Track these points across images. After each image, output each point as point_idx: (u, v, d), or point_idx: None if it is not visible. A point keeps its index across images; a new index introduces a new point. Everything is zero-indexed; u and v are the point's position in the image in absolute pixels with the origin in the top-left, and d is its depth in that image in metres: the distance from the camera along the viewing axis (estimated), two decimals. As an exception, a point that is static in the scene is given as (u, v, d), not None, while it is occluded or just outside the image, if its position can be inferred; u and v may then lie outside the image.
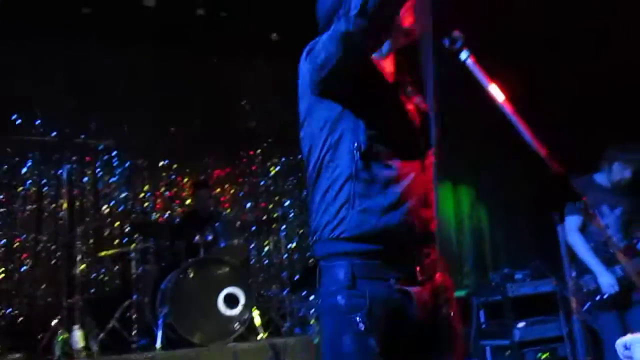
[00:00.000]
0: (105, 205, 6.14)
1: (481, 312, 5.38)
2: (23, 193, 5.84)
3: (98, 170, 6.18)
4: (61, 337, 4.42)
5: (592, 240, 3.88)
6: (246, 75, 6.81)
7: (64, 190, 5.35)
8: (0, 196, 5.76)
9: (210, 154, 6.72)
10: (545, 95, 5.45)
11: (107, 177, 6.21)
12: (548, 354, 4.81)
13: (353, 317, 1.50)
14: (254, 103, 6.93)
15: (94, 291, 5.80)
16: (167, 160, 6.51)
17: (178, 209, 6.45)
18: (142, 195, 6.36)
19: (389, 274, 1.56)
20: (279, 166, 7.04)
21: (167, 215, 6.41)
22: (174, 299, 4.52)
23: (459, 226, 6.94)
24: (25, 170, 5.89)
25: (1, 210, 5.74)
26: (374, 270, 1.55)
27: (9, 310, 5.50)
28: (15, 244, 5.70)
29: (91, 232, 5.96)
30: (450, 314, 1.65)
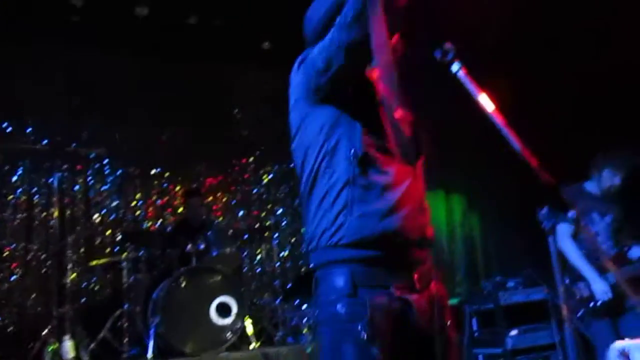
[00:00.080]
0: (96, 214, 6.11)
1: (474, 320, 5.39)
2: (13, 201, 5.80)
3: (89, 178, 6.15)
4: (51, 348, 4.38)
5: (584, 247, 3.89)
6: (238, 83, 6.81)
7: (54, 199, 5.32)
8: (-10, 204, 5.73)
9: (202, 162, 6.71)
10: (535, 104, 5.48)
11: (99, 186, 6.18)
12: (540, 362, 4.83)
13: (354, 326, 1.49)
14: (246, 111, 6.94)
15: (84, 301, 5.76)
16: (159, 169, 6.50)
17: (170, 218, 6.43)
18: (134, 203, 6.33)
19: (388, 281, 1.56)
20: (272, 174, 7.04)
21: (159, 224, 6.38)
22: (165, 308, 4.50)
23: (451, 234, 6.96)
24: (15, 178, 5.85)
25: (-9, 218, 5.71)
26: (374, 278, 1.55)
27: (-1, 319, 5.46)
28: (5, 253, 5.65)
29: (82, 241, 5.92)
30: (446, 322, 1.66)
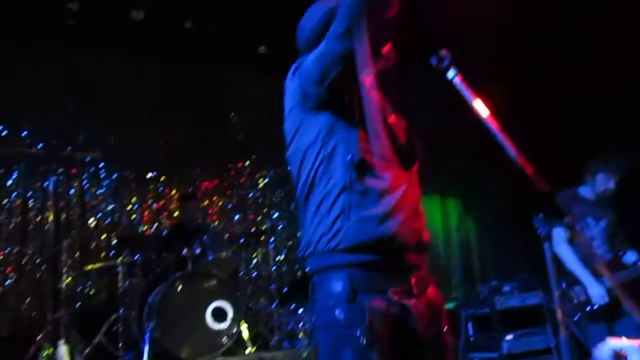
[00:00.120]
0: (92, 218, 6.09)
1: (469, 325, 5.39)
2: (8, 205, 5.77)
3: (85, 182, 6.14)
4: (46, 352, 4.36)
5: (580, 251, 3.90)
6: (234, 87, 6.82)
7: (50, 203, 5.30)
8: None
9: (198, 166, 6.70)
10: (530, 109, 5.50)
11: (94, 189, 6.17)
12: (536, 366, 4.84)
13: (353, 332, 1.49)
14: (242, 115, 6.94)
15: (79, 305, 5.73)
16: (155, 172, 6.49)
17: (166, 222, 6.42)
18: (130, 207, 6.32)
19: (386, 286, 1.56)
20: (268, 178, 7.04)
21: (155, 228, 6.37)
22: (161, 313, 4.48)
23: (447, 239, 6.97)
24: (10, 182, 5.83)
25: (-15, 222, 5.68)
26: (373, 283, 1.55)
27: (-7, 324, 5.43)
28: (0, 257, 5.63)
29: (77, 245, 5.89)
30: (443, 328, 1.67)
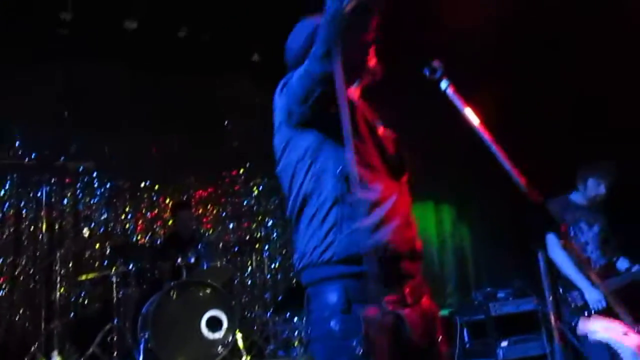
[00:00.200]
0: (85, 228, 6.06)
1: (465, 331, 5.40)
2: (1, 216, 5.73)
3: (78, 192, 6.11)
4: (40, 364, 4.33)
5: (573, 258, 3.92)
6: (228, 95, 6.81)
7: (43, 213, 5.27)
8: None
9: (192, 174, 6.68)
10: (522, 116, 5.54)
11: (88, 199, 6.14)
12: (531, 373, 4.84)
13: (349, 342, 1.50)
14: (236, 123, 6.93)
15: (73, 315, 5.70)
16: (149, 181, 6.47)
17: (160, 231, 6.39)
18: (124, 216, 6.30)
19: (380, 296, 1.57)
20: (262, 186, 7.03)
21: (149, 237, 6.34)
22: (155, 323, 4.46)
23: (442, 245, 6.98)
24: (3, 192, 5.79)
25: (-22, 233, 5.65)
26: (367, 293, 1.56)
27: (-14, 335, 5.38)
28: (-8, 268, 5.60)
29: (71, 255, 5.86)
30: (438, 337, 1.69)
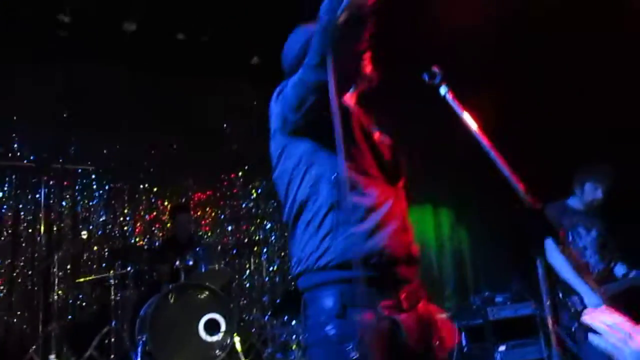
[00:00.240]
0: (84, 230, 6.05)
1: (462, 336, 5.39)
2: (-1, 217, 5.74)
3: (77, 194, 6.10)
4: (37, 366, 4.32)
5: (570, 263, 3.92)
6: (227, 98, 6.82)
7: (41, 215, 5.26)
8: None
9: (191, 176, 6.68)
10: (518, 122, 5.56)
11: (86, 201, 6.14)
12: (529, 377, 4.84)
13: (345, 347, 1.51)
14: (235, 126, 6.93)
15: (71, 318, 5.68)
16: (147, 184, 6.46)
17: (158, 233, 6.39)
18: (122, 219, 6.29)
19: (376, 301, 1.58)
20: (261, 189, 7.03)
21: (147, 239, 6.34)
22: (153, 325, 4.46)
23: (440, 249, 6.98)
24: (1, 194, 5.79)
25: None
26: (362, 298, 1.57)
27: (-17, 338, 5.37)
28: (-10, 270, 5.59)
29: (69, 257, 5.85)
30: (435, 342, 1.69)
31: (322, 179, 1.65)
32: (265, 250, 6.48)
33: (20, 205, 5.81)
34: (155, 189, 6.49)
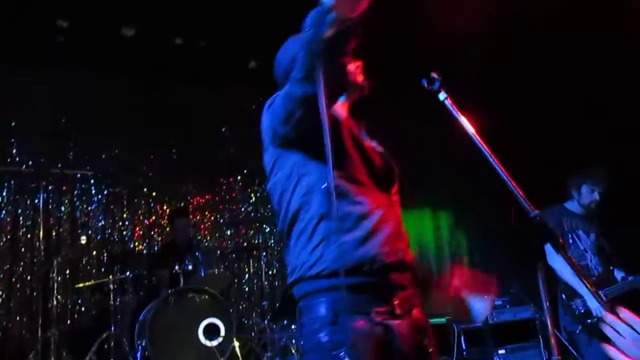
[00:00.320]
0: (83, 235, 6.05)
1: (462, 339, 5.38)
2: (-2, 223, 5.73)
3: (75, 199, 6.10)
4: (36, 372, 4.32)
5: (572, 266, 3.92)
6: (225, 102, 6.82)
7: (40, 220, 5.26)
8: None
9: (189, 181, 6.68)
10: (514, 127, 5.57)
11: (85, 206, 6.13)
12: (528, 380, 4.83)
13: (337, 353, 1.53)
14: (233, 130, 6.93)
15: (70, 323, 5.68)
16: (146, 188, 6.46)
17: (157, 238, 6.38)
18: (121, 223, 6.29)
19: (369, 307, 1.60)
20: (259, 193, 7.03)
21: (146, 244, 6.33)
22: (152, 330, 4.45)
23: (439, 252, 6.98)
24: (0, 199, 5.78)
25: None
26: (355, 304, 1.59)
27: (-18, 343, 5.36)
28: (-11, 275, 5.58)
29: (68, 262, 5.84)
30: (429, 350, 1.70)
31: (314, 189, 1.68)
32: (264, 254, 6.46)
33: (19, 211, 5.81)
34: (154, 194, 6.49)
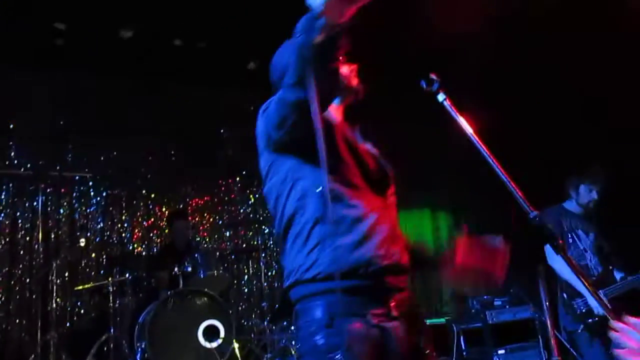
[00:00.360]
0: (81, 237, 6.03)
1: (461, 339, 5.38)
2: (-4, 226, 5.72)
3: (74, 201, 6.09)
4: (36, 375, 4.31)
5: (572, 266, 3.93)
6: (224, 103, 6.82)
7: (39, 222, 5.25)
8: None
9: (188, 182, 6.68)
10: (519, 122, 5.57)
11: (84, 208, 6.13)
12: (528, 380, 4.83)
13: (333, 356, 1.54)
14: (232, 131, 6.93)
15: (69, 325, 5.67)
16: (145, 190, 6.46)
17: (156, 240, 6.38)
18: (120, 225, 6.28)
19: (365, 309, 1.61)
20: (258, 194, 7.02)
21: (145, 246, 6.32)
22: (152, 332, 4.45)
23: (439, 253, 6.97)
24: (-2, 202, 5.78)
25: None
26: (351, 307, 1.60)
27: (-18, 346, 5.34)
28: (-12, 278, 5.56)
29: (67, 265, 5.83)
30: (426, 351, 1.72)
31: (308, 193, 1.68)
32: (263, 255, 6.46)
33: (18, 213, 5.79)
34: (152, 196, 6.49)
